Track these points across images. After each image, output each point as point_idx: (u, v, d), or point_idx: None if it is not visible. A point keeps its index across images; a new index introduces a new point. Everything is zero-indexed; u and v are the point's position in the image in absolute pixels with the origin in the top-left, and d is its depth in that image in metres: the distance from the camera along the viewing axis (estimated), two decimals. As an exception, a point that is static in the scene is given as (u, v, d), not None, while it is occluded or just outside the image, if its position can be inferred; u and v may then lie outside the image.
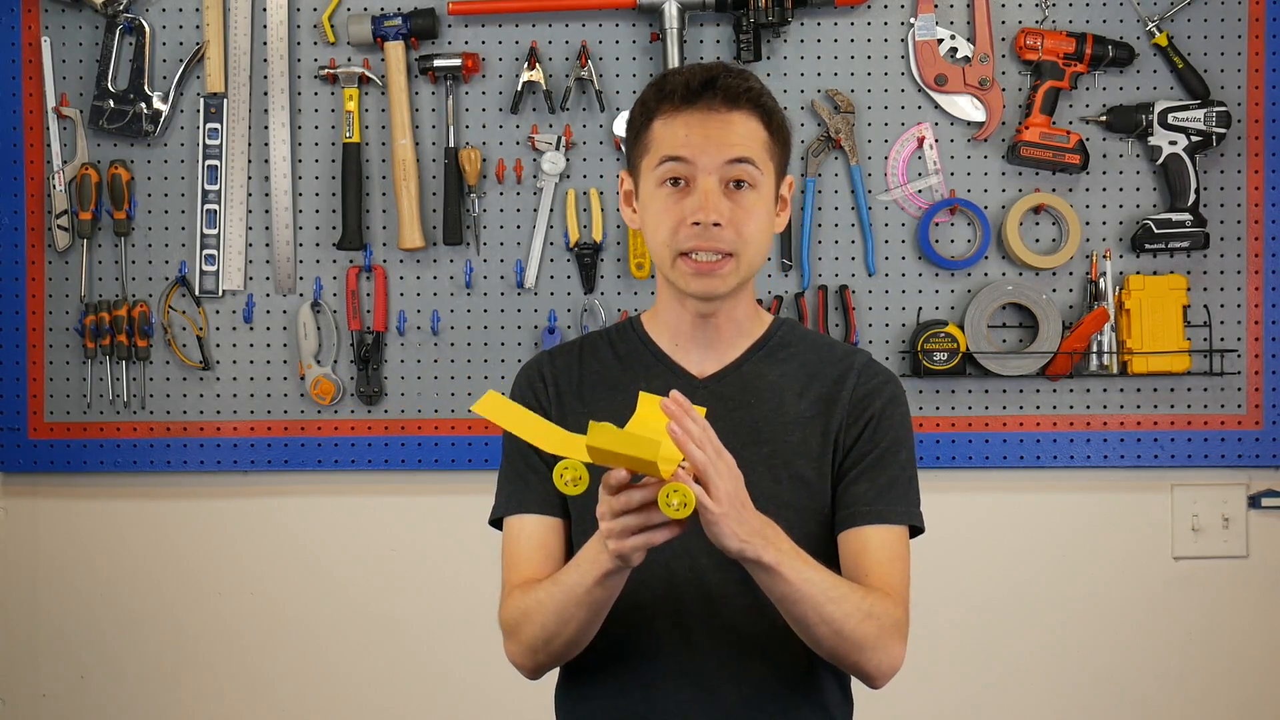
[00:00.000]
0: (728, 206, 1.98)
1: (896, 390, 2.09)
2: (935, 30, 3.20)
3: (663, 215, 2.00)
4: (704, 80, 1.99)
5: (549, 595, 1.95)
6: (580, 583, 1.90)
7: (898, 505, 2.04)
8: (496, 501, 2.11)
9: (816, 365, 2.09)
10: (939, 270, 3.22)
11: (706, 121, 1.99)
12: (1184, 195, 3.19)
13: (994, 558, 3.28)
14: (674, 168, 1.99)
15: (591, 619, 1.95)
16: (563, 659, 2.03)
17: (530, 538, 2.05)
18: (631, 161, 2.07)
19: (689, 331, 2.08)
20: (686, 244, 1.99)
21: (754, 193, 2.00)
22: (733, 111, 1.99)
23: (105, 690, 3.30)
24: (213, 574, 3.29)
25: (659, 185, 2.01)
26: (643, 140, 2.03)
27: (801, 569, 1.87)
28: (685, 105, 1.99)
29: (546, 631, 1.97)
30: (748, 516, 1.83)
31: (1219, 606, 3.29)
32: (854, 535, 2.02)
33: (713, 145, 1.98)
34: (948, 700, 3.27)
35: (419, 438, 3.23)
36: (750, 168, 1.99)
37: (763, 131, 2.01)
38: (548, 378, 2.10)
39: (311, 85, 3.23)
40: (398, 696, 3.29)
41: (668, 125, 2.00)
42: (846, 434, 2.05)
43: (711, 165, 1.98)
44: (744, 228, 1.99)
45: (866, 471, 2.03)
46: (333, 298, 3.23)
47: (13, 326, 3.24)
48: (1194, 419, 3.24)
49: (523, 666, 2.05)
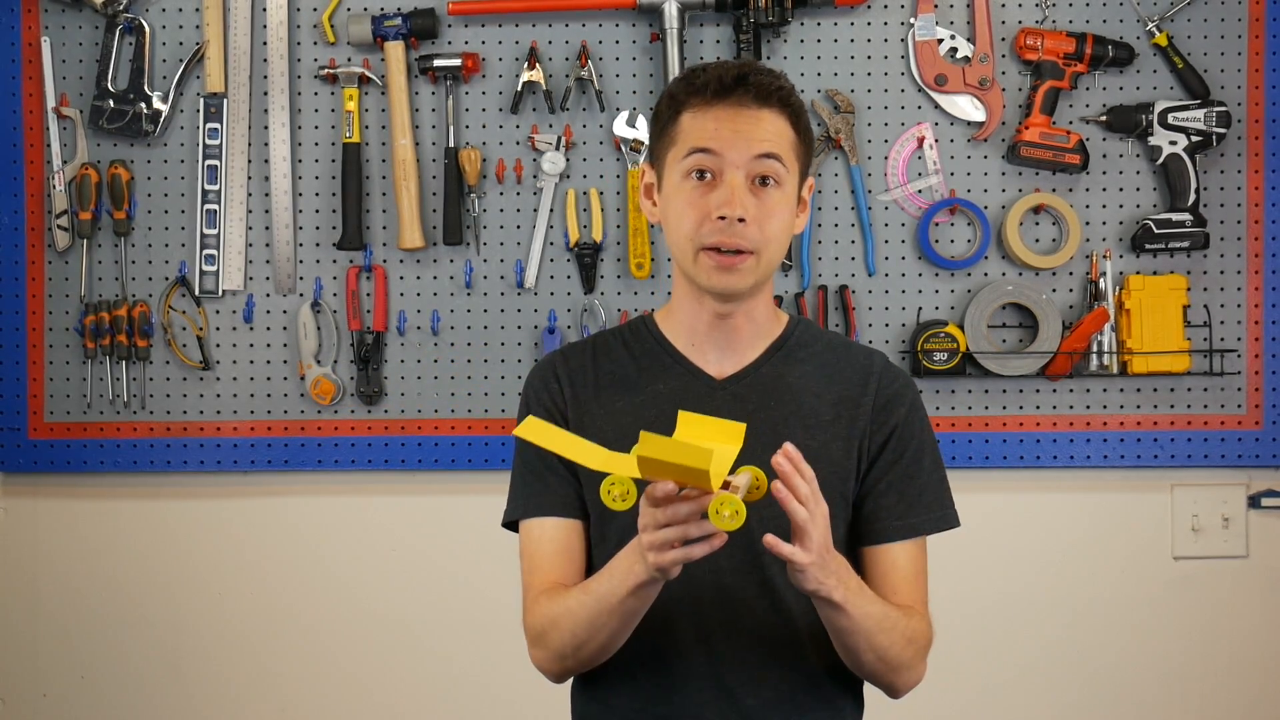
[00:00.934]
0: (753, 203, 1.97)
1: (915, 394, 2.10)
2: (935, 30, 3.20)
3: (687, 209, 1.99)
4: (736, 76, 1.99)
5: (579, 603, 1.94)
6: (614, 592, 1.89)
7: (927, 514, 2.06)
8: (512, 503, 2.09)
9: (835, 366, 2.08)
10: (939, 270, 3.22)
11: (737, 117, 1.98)
12: (1184, 195, 3.19)
13: (994, 558, 3.28)
14: (701, 159, 1.98)
15: (622, 628, 1.94)
16: (591, 665, 2.02)
17: (552, 541, 2.03)
18: (656, 154, 2.05)
19: (706, 332, 2.07)
20: (710, 238, 1.98)
21: (779, 191, 1.99)
22: (763, 109, 1.99)
23: (105, 690, 3.30)
24: (213, 574, 3.29)
25: (685, 178, 1.99)
26: (669, 133, 2.02)
27: (863, 605, 1.91)
28: (716, 100, 1.98)
29: (577, 639, 1.96)
30: (829, 560, 1.84)
31: (1219, 606, 3.29)
32: (884, 552, 2.04)
33: (742, 140, 1.97)
34: (948, 700, 3.27)
35: (419, 438, 3.23)
36: (777, 164, 1.98)
37: (790, 131, 2.01)
38: (562, 378, 2.08)
39: (311, 85, 3.23)
40: (398, 696, 3.29)
41: (697, 119, 1.99)
42: (870, 441, 2.05)
43: (740, 160, 1.97)
44: (767, 226, 1.98)
45: (894, 484, 2.04)
46: (333, 298, 3.23)
47: (13, 326, 3.24)
48: (1194, 419, 3.24)
49: (549, 672, 2.04)
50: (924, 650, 2.02)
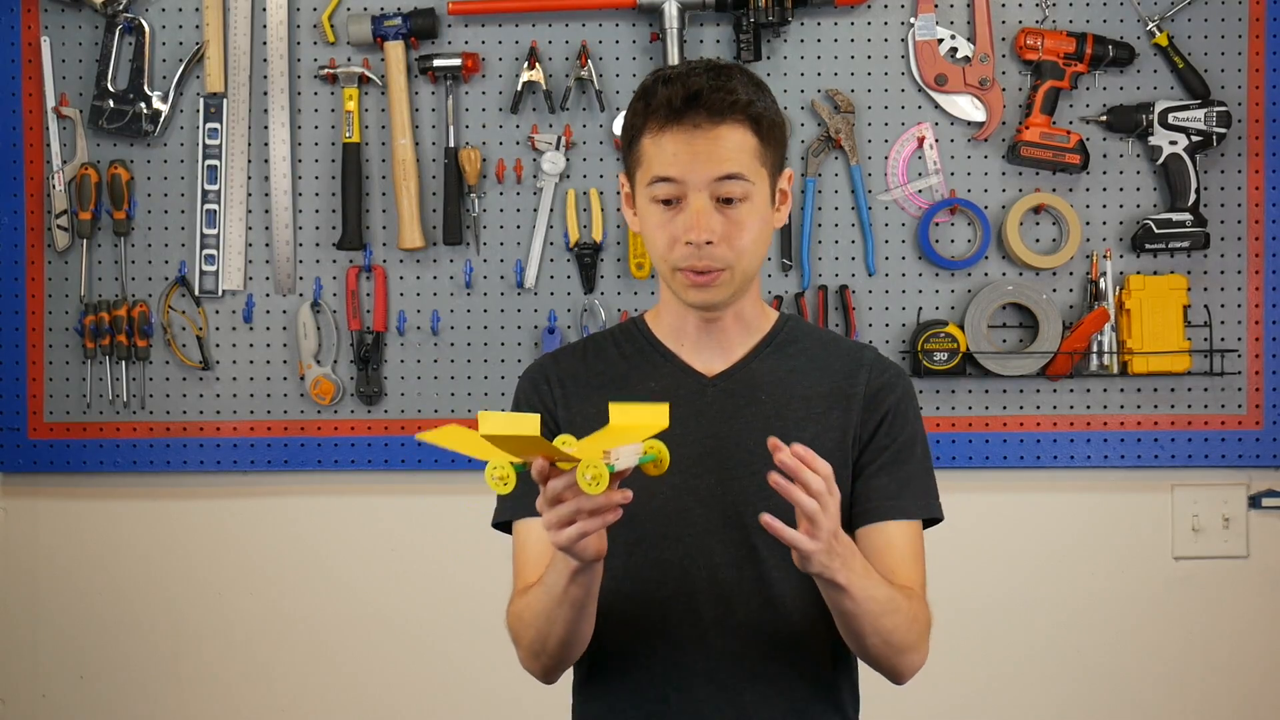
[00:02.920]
0: (720, 221, 1.96)
1: (907, 385, 2.09)
2: (935, 30, 3.20)
3: (657, 232, 1.99)
4: (686, 97, 1.95)
5: (535, 597, 1.95)
6: (556, 582, 1.89)
7: (917, 500, 2.05)
8: (501, 504, 2.09)
9: (825, 360, 2.08)
10: (939, 270, 3.22)
11: (693, 139, 1.96)
12: (1184, 195, 3.19)
13: (994, 558, 3.28)
14: (665, 188, 1.97)
15: (576, 618, 1.93)
16: (565, 660, 2.02)
17: (539, 541, 2.02)
18: (627, 168, 2.06)
19: (694, 332, 2.07)
20: (683, 262, 1.98)
21: (746, 204, 1.98)
22: (719, 125, 1.96)
23: (105, 690, 3.30)
24: (212, 574, 3.29)
25: (651, 203, 1.99)
26: (635, 152, 2.01)
27: (868, 588, 1.89)
28: (671, 122, 1.96)
29: (540, 634, 1.96)
30: (836, 545, 1.83)
31: (1219, 606, 3.29)
32: (878, 530, 2.02)
33: (700, 163, 1.95)
34: (948, 700, 3.27)
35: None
36: (740, 183, 1.97)
37: (752, 139, 1.98)
38: (553, 379, 2.09)
39: (311, 85, 3.23)
40: (398, 696, 3.29)
41: (656, 142, 1.97)
42: (863, 429, 2.04)
43: (700, 183, 1.96)
44: (736, 241, 1.98)
45: (886, 466, 2.04)
46: (333, 298, 3.23)
47: (13, 326, 3.24)
48: (1194, 419, 3.24)
49: (533, 671, 2.05)
50: (926, 632, 2.01)
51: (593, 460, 1.71)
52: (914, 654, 2.00)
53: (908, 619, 1.96)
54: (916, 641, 1.99)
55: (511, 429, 1.69)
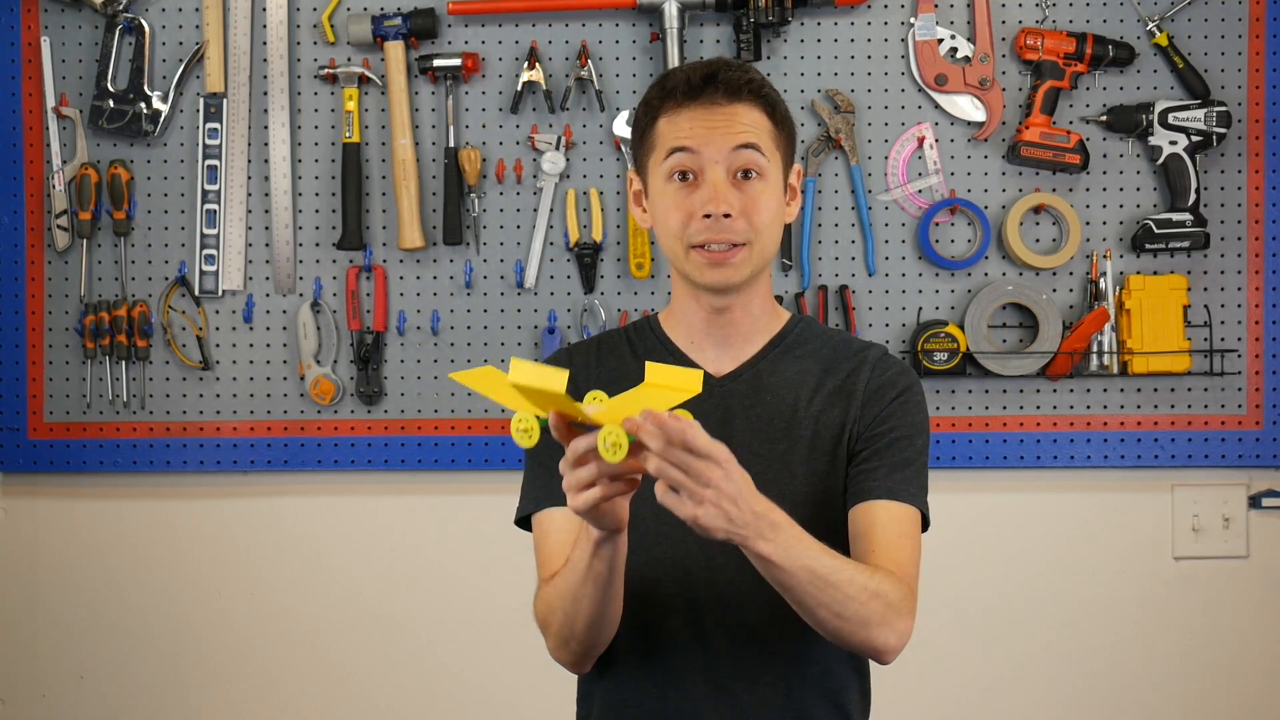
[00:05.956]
0: (737, 197, 1.99)
1: (912, 383, 2.08)
2: (935, 30, 3.20)
3: (672, 210, 2.01)
4: (704, 75, 2.01)
5: (561, 579, 1.94)
6: (580, 558, 1.88)
7: (910, 486, 2.01)
8: (524, 500, 2.09)
9: (832, 360, 2.08)
10: (939, 270, 3.22)
11: (710, 114, 2.00)
12: (1184, 195, 3.19)
13: (994, 558, 3.28)
14: (681, 159, 2.00)
15: (601, 596, 1.90)
16: (594, 645, 1.99)
17: (561, 529, 2.02)
18: (639, 161, 2.08)
19: (704, 328, 2.08)
20: (698, 237, 1.99)
21: (762, 181, 2.00)
22: (735, 104, 2.00)
23: (105, 690, 3.30)
24: (212, 574, 3.29)
25: (667, 180, 2.01)
26: (648, 139, 2.04)
27: (800, 556, 1.80)
28: (688, 100, 2.00)
29: (567, 616, 1.95)
30: (740, 513, 1.74)
31: (1219, 606, 3.29)
32: (863, 510, 2.00)
33: (718, 135, 1.99)
34: (948, 700, 3.27)
35: (419, 438, 3.23)
36: (757, 154, 2.00)
37: (766, 121, 2.02)
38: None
39: (311, 85, 3.23)
40: (398, 697, 3.29)
41: (672, 121, 2.01)
42: (860, 422, 2.04)
43: (718, 155, 1.99)
44: (755, 217, 1.99)
45: (879, 451, 2.02)
46: (332, 298, 3.23)
47: (13, 326, 3.24)
48: (1194, 419, 3.24)
49: (562, 660, 2.03)
50: (898, 607, 1.90)
51: (613, 426, 1.69)
52: (879, 629, 1.89)
53: (865, 591, 1.86)
54: (883, 615, 1.88)
55: (540, 382, 1.67)
